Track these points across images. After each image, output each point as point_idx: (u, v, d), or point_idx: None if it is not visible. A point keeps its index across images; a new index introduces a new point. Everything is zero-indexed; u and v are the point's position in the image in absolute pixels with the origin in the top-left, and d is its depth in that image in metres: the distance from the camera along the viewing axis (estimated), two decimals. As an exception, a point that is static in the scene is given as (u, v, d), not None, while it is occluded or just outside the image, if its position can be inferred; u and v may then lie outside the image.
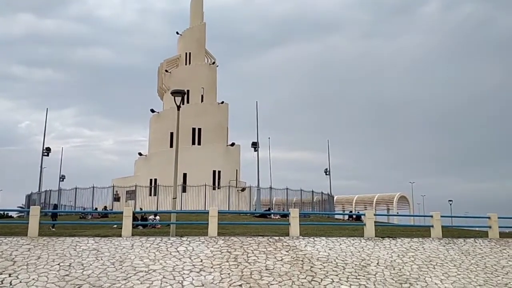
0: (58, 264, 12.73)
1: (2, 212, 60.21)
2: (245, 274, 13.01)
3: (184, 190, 39.12)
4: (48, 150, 46.96)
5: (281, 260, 14.16)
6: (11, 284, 11.49)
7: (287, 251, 14.93)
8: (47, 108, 49.05)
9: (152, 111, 48.10)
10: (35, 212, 15.74)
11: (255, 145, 43.91)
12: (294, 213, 17.56)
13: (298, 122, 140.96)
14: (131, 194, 40.74)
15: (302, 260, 14.28)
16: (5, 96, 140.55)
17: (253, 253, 14.54)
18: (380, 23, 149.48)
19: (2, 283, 11.51)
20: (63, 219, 27.67)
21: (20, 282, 11.63)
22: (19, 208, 49.11)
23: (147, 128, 49.92)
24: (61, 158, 56.59)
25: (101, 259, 13.31)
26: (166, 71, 48.98)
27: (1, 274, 11.99)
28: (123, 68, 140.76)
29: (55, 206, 31.97)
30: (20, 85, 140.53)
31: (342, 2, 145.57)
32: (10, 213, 58.65)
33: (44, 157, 46.24)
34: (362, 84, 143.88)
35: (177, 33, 51.59)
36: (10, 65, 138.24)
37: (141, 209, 34.98)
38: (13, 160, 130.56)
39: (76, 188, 39.51)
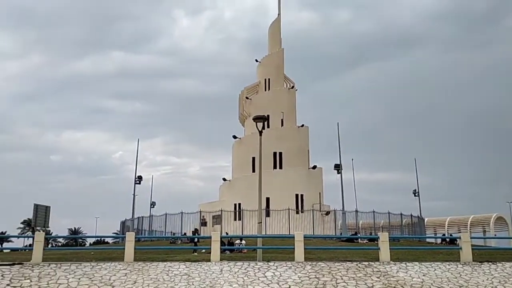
0: (153, 289, 13.24)
1: (99, 238, 64.18)
2: (335, 300, 12.73)
3: (268, 214, 39.27)
4: (140, 178, 49.41)
5: (372, 286, 13.71)
6: (111, 308, 12.10)
7: (378, 277, 14.43)
8: (138, 139, 51.97)
9: (234, 137, 49.23)
10: (130, 238, 16.55)
11: (338, 167, 43.31)
12: (384, 237, 16.98)
13: (382, 142, 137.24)
14: (217, 219, 41.58)
15: (394, 287, 13.72)
16: (100, 129, 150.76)
17: (342, 279, 14.22)
18: (465, 34, 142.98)
19: (102, 307, 12.16)
20: (155, 244, 28.80)
21: (119, 305, 12.22)
22: (114, 234, 51.93)
23: (230, 153, 51.08)
24: (152, 185, 59.26)
25: (192, 284, 13.65)
26: (247, 97, 50.06)
27: (102, 297, 12.67)
28: (206, 96, 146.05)
29: (195, 231, 31.88)
30: (113, 118, 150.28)
31: (424, 15, 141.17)
32: (106, 239, 62.32)
33: (136, 185, 48.66)
34: (449, 99, 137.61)
35: (256, 60, 52.77)
36: (104, 100, 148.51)
37: (227, 233, 35.55)
38: (108, 189, 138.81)
39: (166, 214, 41.11)
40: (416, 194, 51.39)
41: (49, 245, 48.03)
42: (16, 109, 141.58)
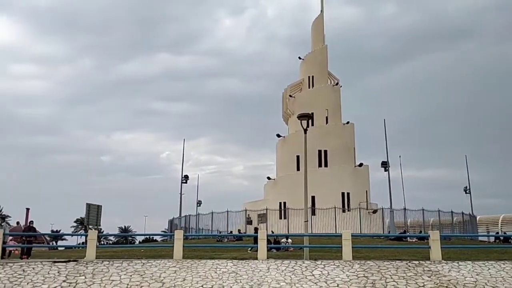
0: (202, 286, 13.43)
1: (148, 236, 65.74)
2: (385, 300, 12.52)
3: (313, 213, 39.04)
4: (186, 177, 50.26)
5: (423, 286, 13.39)
6: (161, 304, 12.38)
7: (429, 277, 14.06)
8: (184, 139, 52.83)
9: (278, 135, 49.21)
10: (179, 236, 16.87)
11: (385, 165, 42.53)
12: (434, 236, 16.53)
13: (430, 138, 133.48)
14: (262, 218, 41.71)
15: (446, 286, 13.35)
16: (147, 130, 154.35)
17: (391, 278, 13.95)
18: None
19: (153, 303, 12.45)
20: (202, 242, 29.29)
21: (169, 302, 12.48)
22: (163, 232, 53.02)
23: (274, 152, 51.10)
24: (198, 184, 60.12)
25: (240, 282, 13.75)
26: (290, 96, 49.93)
27: (153, 294, 12.98)
28: (250, 95, 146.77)
29: (256, 230, 30.96)
30: (160, 119, 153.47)
31: (474, 6, 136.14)
32: (155, 237, 63.82)
33: (183, 184, 49.52)
34: (501, 92, 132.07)
35: (300, 58, 52.58)
36: (151, 101, 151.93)
37: (272, 232, 35.62)
38: (156, 188, 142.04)
39: (212, 213, 41.66)
40: (467, 191, 49.72)
41: (101, 243, 49.64)
42: (68, 112, 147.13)
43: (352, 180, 44.24)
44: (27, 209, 38.74)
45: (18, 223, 25.46)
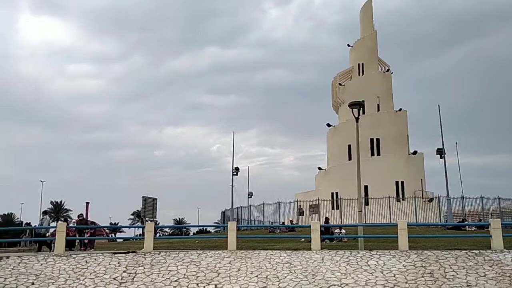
0: (256, 276, 13.53)
1: (202, 228, 67.14)
2: (444, 290, 12.17)
3: (366, 202, 38.46)
4: (236, 169, 50.77)
5: (484, 275, 12.89)
6: (217, 294, 12.58)
7: (490, 266, 13.53)
8: (233, 132, 53.54)
9: (328, 125, 48.70)
10: (232, 227, 17.06)
11: (440, 152, 41.21)
12: (496, 224, 15.86)
13: (488, 124, 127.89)
14: (314, 208, 41.58)
15: (509, 276, 12.79)
16: (198, 124, 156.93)
17: (451, 268, 13.52)
18: None
19: (210, 293, 12.68)
20: (255, 233, 29.51)
21: (225, 292, 12.67)
22: (216, 224, 53.94)
23: (325, 142, 50.65)
24: (248, 176, 60.60)
25: (294, 272, 13.76)
26: (340, 84, 49.24)
27: (209, 284, 13.21)
28: (299, 85, 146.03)
29: (327, 220, 29.22)
30: (210, 112, 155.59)
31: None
32: (208, 228, 65.08)
33: (233, 176, 50.06)
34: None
35: (348, 45, 51.70)
36: (200, 95, 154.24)
37: (327, 219, 35.37)
38: (207, 181, 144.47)
39: (263, 204, 41.90)
40: (530, 178, 47.41)
41: (157, 235, 51.07)
42: (123, 109, 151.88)
43: (406, 168, 43.21)
44: (87, 203, 40.44)
45: (79, 216, 26.60)
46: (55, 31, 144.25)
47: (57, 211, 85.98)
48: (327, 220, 26.76)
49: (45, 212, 22.41)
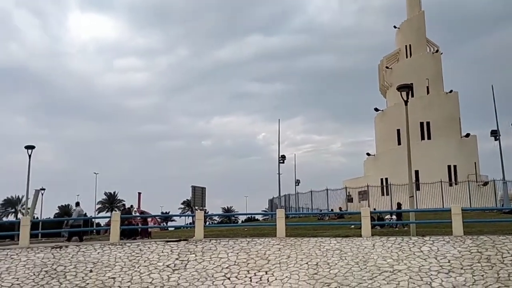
0: (307, 263, 13.51)
1: (250, 216, 67.70)
2: (502, 276, 11.74)
3: (418, 188, 37.52)
4: (283, 157, 50.73)
5: (546, 261, 12.33)
6: (268, 281, 12.66)
7: (552, 252, 12.91)
8: (279, 119, 53.56)
9: (376, 109, 47.79)
10: (281, 214, 17.08)
11: (495, 134, 39.59)
12: (557, 208, 15.12)
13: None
14: (363, 195, 41.04)
15: None
16: (244, 113, 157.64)
17: (509, 253, 13.00)
18: None
19: (260, 280, 12.78)
20: (303, 220, 29.48)
21: (276, 279, 12.72)
22: (263, 212, 54.25)
23: (373, 127, 49.75)
24: (295, 164, 60.45)
25: (345, 259, 13.64)
26: (387, 67, 48.14)
27: (259, 271, 13.32)
28: (344, 70, 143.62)
29: (399, 205, 27.38)
30: (255, 100, 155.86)
31: None
32: (256, 216, 65.55)
33: (280, 164, 50.07)
34: None
35: (395, 27, 50.33)
36: (245, 84, 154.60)
37: (374, 209, 34.89)
38: (254, 169, 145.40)
39: (311, 191, 41.71)
40: None
41: (207, 223, 51.96)
42: (170, 101, 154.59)
43: (459, 152, 41.88)
44: (139, 193, 41.67)
45: (132, 206, 27.54)
46: (102, 28, 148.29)
47: (111, 201, 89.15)
48: (399, 205, 25.86)
49: (77, 204, 23.05)
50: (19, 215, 75.99)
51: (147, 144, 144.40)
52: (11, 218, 79.09)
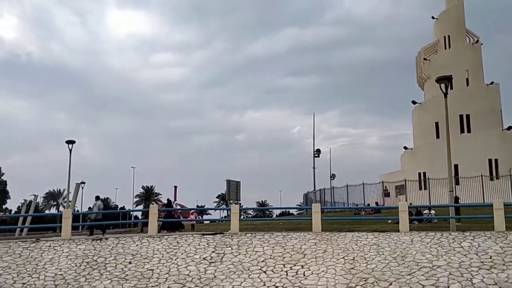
0: (343, 258, 13.41)
1: (284, 210, 67.79)
2: (548, 274, 11.33)
3: (457, 182, 36.61)
4: (318, 151, 50.43)
5: None
6: (304, 275, 12.63)
7: None
8: (313, 113, 52.93)
9: (414, 102, 46.87)
10: (316, 209, 17.00)
11: (539, 126, 38.17)
12: None
13: None
14: (401, 189, 40.38)
15: None
16: (278, 106, 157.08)
17: (555, 250, 12.55)
18: None
19: (296, 274, 12.75)
20: (339, 215, 29.27)
21: (312, 273, 12.67)
22: (298, 206, 54.15)
23: (410, 120, 48.81)
24: (330, 157, 60.07)
25: (383, 254, 13.46)
26: (425, 59, 47.07)
27: (295, 265, 13.29)
28: (381, 62, 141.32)
29: (456, 199, 26.19)
30: (289, 94, 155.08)
31: None
32: (290, 211, 65.51)
33: (315, 158, 49.80)
34: None
35: (433, 17, 49.12)
36: (280, 78, 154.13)
37: (410, 204, 34.26)
38: (289, 163, 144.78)
39: (347, 186, 41.33)
40: None
41: (241, 217, 52.27)
42: (204, 95, 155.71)
43: (500, 145, 40.62)
44: (175, 187, 42.22)
45: (168, 200, 27.93)
46: (139, 24, 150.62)
47: (148, 195, 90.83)
48: (456, 199, 25.03)
49: (97, 198, 23.39)
50: (61, 208, 78.55)
51: (182, 139, 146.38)
52: (53, 210, 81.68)
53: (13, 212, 57.12)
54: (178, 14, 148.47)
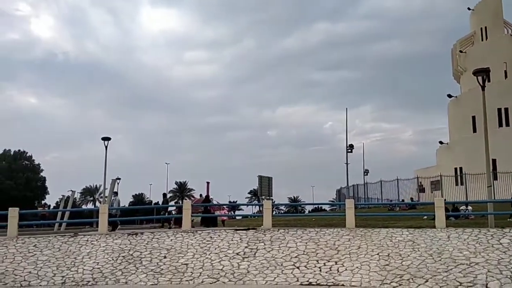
0: (378, 254, 13.25)
1: (317, 206, 67.35)
2: None
3: (495, 177, 35.56)
4: (351, 147, 49.95)
5: None
6: (338, 271, 12.54)
7: None
8: (346, 108, 52.39)
9: (449, 96, 45.79)
10: (350, 205, 16.84)
11: None
12: None
13: None
14: (436, 185, 39.53)
15: None
16: (310, 102, 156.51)
17: None
18: None
19: (330, 269, 12.68)
20: (372, 211, 28.88)
21: (346, 269, 12.58)
22: (331, 202, 53.76)
23: (446, 114, 47.71)
24: (363, 153, 59.41)
25: (418, 250, 13.23)
26: (461, 51, 45.85)
27: (329, 261, 13.22)
28: (414, 56, 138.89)
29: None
30: (320, 89, 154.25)
31: None
32: (323, 207, 65.04)
33: (348, 153, 49.33)
34: None
35: (469, 9, 47.86)
36: (311, 73, 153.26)
37: (445, 200, 33.47)
38: (321, 159, 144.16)
39: (381, 181, 40.76)
40: None
41: (273, 213, 52.24)
42: (236, 92, 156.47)
43: (541, 139, 39.14)
44: (207, 183, 42.56)
45: (200, 195, 28.28)
46: (171, 21, 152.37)
47: (181, 190, 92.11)
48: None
49: (115, 193, 23.65)
50: (97, 203, 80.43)
51: (214, 135, 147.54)
52: (89, 206, 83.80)
53: (51, 207, 58.80)
54: (209, 11, 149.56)
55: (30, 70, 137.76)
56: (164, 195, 30.68)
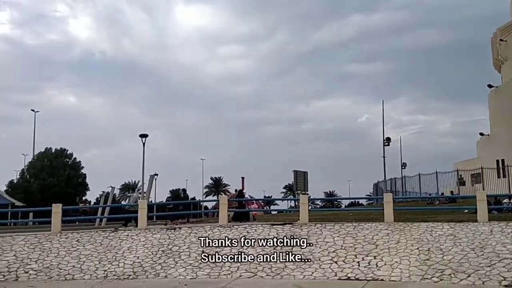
0: (417, 249, 13.03)
1: (353, 200, 66.77)
2: None
3: (539, 169, 34.36)
4: (388, 140, 49.08)
5: None
6: (377, 266, 12.40)
7: None
8: (382, 100, 51.72)
9: (490, 86, 44.26)
10: (388, 199, 16.59)
11: None
12: None
13: None
14: (477, 177, 38.42)
15: None
16: (344, 95, 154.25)
17: None
18: None
19: (369, 264, 12.55)
20: (411, 205, 28.35)
21: (385, 264, 12.43)
22: (368, 196, 53.13)
23: (486, 105, 46.26)
24: (400, 146, 58.19)
25: (460, 245, 12.94)
26: (501, 40, 44.22)
27: (367, 256, 13.09)
28: (452, 45, 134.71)
29: None
30: (354, 82, 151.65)
31: None
32: (360, 201, 64.44)
33: (385, 146, 48.53)
34: None
35: (509, -5, 46.07)
36: (346, 65, 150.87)
37: (486, 193, 32.52)
38: (357, 152, 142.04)
39: (419, 175, 39.92)
40: None
41: (309, 207, 52.05)
42: (270, 86, 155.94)
43: None
44: (242, 178, 42.91)
45: (236, 190, 28.47)
46: (205, 18, 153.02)
47: (217, 186, 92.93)
48: None
49: (133, 190, 24.00)
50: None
51: (248, 130, 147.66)
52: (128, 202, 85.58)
53: (92, 203, 60.38)
54: (242, 6, 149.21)
55: (69, 70, 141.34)
56: (184, 190, 31.01)
